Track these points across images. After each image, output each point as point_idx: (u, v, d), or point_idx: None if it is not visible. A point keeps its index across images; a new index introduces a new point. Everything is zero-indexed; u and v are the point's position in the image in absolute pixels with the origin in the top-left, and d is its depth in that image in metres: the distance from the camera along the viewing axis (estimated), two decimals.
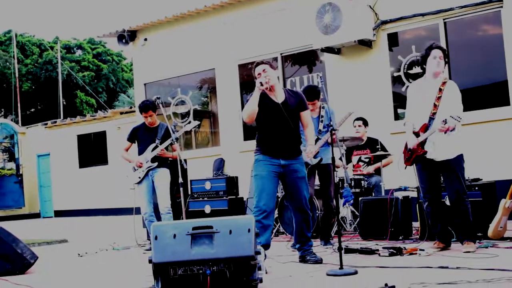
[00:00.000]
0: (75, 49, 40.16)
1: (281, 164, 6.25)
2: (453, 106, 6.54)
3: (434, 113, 6.62)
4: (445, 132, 6.44)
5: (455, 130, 6.51)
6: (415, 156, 6.76)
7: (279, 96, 6.29)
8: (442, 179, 6.85)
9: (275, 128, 6.24)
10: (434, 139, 6.62)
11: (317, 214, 8.42)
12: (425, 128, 6.65)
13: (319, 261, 6.24)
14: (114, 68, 39.40)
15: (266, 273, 5.57)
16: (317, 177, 7.95)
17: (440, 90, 6.63)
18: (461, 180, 6.59)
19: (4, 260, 6.95)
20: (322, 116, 7.74)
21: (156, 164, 8.81)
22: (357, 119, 9.79)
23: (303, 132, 6.53)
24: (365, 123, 9.78)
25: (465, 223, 6.57)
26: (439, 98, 6.61)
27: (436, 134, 6.57)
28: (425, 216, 7.20)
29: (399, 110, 11.61)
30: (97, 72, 38.01)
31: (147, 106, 8.86)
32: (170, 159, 8.97)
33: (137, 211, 9.25)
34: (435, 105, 6.62)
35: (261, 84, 6.09)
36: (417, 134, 6.72)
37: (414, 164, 6.94)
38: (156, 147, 8.81)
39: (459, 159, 6.61)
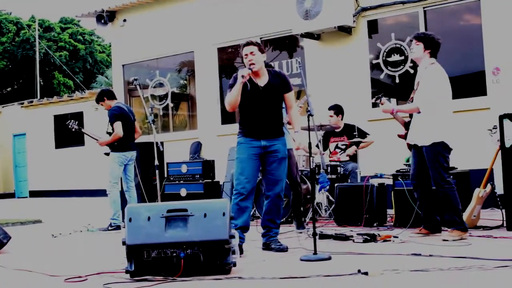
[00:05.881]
0: (53, 28, 39.66)
1: (262, 145, 6.19)
2: (422, 91, 6.67)
3: (412, 98, 6.82)
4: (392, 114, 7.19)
5: (425, 115, 6.61)
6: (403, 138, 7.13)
7: (262, 79, 6.23)
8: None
9: (257, 111, 6.19)
10: (414, 124, 6.80)
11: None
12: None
13: (284, 250, 6.14)
14: (92, 50, 39.01)
15: (240, 256, 5.57)
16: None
17: (421, 75, 6.77)
18: (435, 167, 6.57)
19: None
20: None
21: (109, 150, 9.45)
22: (329, 108, 9.75)
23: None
24: (338, 112, 9.73)
25: (445, 210, 6.59)
26: (418, 83, 6.76)
27: (415, 119, 6.78)
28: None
29: None
30: (73, 52, 37.61)
31: (96, 99, 9.74)
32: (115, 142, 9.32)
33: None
34: (414, 90, 6.81)
35: (243, 77, 6.02)
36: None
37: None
38: (107, 132, 9.44)
39: (436, 145, 6.57)
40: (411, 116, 6.98)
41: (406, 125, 7.18)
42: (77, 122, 9.61)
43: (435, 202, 6.85)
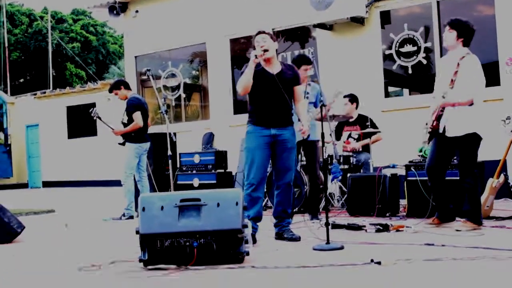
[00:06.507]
0: (65, 20, 39.77)
1: (272, 134, 6.18)
2: (468, 81, 6.43)
3: (451, 88, 6.52)
4: (453, 106, 6.44)
5: (471, 106, 6.42)
6: (432, 130, 6.67)
7: (275, 68, 6.23)
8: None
9: (269, 99, 6.17)
10: (447, 114, 6.55)
11: (305, 189, 8.45)
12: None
13: (296, 239, 6.15)
14: (104, 41, 39.10)
15: (253, 246, 5.58)
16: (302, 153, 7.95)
17: (458, 64, 6.51)
18: (466, 158, 6.50)
19: None
20: (307, 93, 7.74)
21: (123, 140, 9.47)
22: (345, 96, 9.75)
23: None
24: (353, 100, 9.74)
25: (466, 201, 6.53)
26: (456, 72, 6.50)
27: (449, 110, 6.52)
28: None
29: (390, 88, 11.62)
30: (85, 43, 37.69)
31: (110, 88, 9.68)
32: (133, 132, 9.34)
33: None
34: (452, 80, 6.52)
35: (256, 57, 6.03)
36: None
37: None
38: (122, 122, 9.49)
39: (469, 137, 6.47)
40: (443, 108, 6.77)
41: (438, 118, 6.92)
42: (97, 110, 9.63)
43: (449, 192, 6.81)
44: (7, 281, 4.88)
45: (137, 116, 9.19)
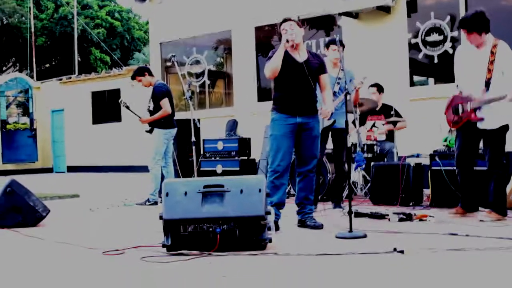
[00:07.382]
0: (91, 6, 39.94)
1: (297, 122, 6.19)
2: (508, 71, 6.25)
3: (489, 78, 6.32)
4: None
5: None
6: (466, 121, 6.51)
7: (302, 55, 6.24)
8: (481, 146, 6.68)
9: (295, 86, 6.17)
10: (486, 108, 6.36)
11: (328, 178, 8.43)
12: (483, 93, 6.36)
13: (319, 227, 6.16)
14: (129, 27, 39.22)
15: (276, 232, 5.59)
16: (330, 140, 7.92)
17: (492, 53, 6.33)
18: (498, 150, 6.40)
19: (16, 212, 7.00)
20: (339, 78, 7.68)
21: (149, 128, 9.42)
22: (372, 85, 9.71)
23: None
24: (380, 90, 9.70)
25: (492, 192, 6.47)
26: (492, 62, 6.31)
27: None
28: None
29: (415, 78, 11.54)
30: (110, 29, 37.83)
31: (133, 75, 9.60)
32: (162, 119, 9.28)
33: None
34: (489, 70, 6.33)
35: (287, 41, 6.02)
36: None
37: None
38: (149, 109, 9.44)
39: (503, 129, 6.39)
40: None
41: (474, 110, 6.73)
42: (125, 99, 9.73)
43: (476, 182, 6.76)
44: (31, 263, 4.93)
45: (165, 103, 9.18)
